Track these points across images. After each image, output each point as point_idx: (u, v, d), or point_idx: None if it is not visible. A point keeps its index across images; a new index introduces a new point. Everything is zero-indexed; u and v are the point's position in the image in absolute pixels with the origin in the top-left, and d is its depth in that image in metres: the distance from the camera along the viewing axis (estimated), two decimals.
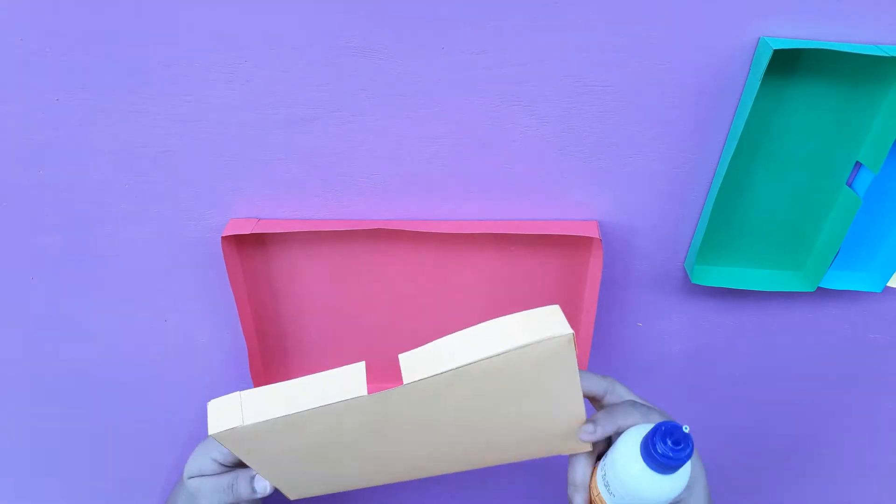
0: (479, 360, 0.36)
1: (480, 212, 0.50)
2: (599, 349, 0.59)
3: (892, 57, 0.41)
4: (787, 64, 0.42)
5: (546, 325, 0.36)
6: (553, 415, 0.42)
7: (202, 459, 0.47)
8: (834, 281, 0.52)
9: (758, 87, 0.41)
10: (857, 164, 0.47)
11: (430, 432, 0.42)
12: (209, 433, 0.39)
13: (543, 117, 0.46)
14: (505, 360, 0.37)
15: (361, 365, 0.38)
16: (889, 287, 0.54)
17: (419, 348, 0.38)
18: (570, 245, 0.52)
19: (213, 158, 0.47)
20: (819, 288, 0.54)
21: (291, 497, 0.48)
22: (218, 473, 0.47)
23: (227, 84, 0.44)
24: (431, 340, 0.57)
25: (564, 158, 0.48)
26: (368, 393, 0.38)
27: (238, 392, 0.39)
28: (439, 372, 0.37)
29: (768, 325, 0.58)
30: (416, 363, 0.38)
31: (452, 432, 0.42)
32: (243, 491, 0.46)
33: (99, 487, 0.70)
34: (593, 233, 0.48)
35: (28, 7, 0.41)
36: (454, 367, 0.37)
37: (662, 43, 0.42)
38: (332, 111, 0.45)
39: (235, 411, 0.39)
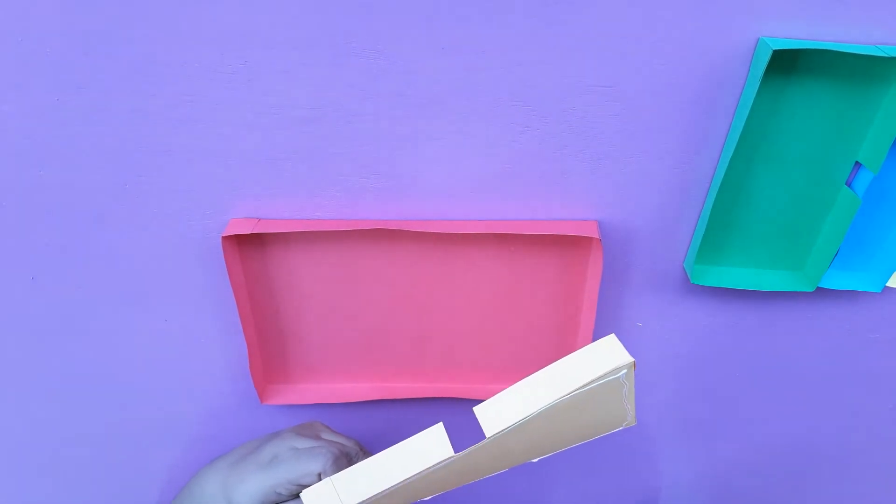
0: (554, 402, 0.39)
1: (480, 212, 0.50)
2: None
3: (892, 57, 0.41)
4: (786, 64, 0.42)
5: (609, 356, 0.39)
6: (604, 419, 0.44)
7: (262, 494, 0.46)
8: (833, 281, 0.52)
9: (757, 87, 0.41)
10: (857, 164, 0.47)
11: (500, 460, 0.44)
12: None
13: (543, 117, 0.46)
14: (575, 396, 0.39)
15: (440, 427, 0.40)
16: (888, 287, 0.54)
17: (491, 399, 0.40)
18: (570, 245, 0.52)
19: (213, 158, 0.47)
20: (818, 288, 0.54)
21: None
22: (282, 503, 0.47)
23: (227, 84, 0.44)
24: (432, 340, 0.58)
25: (564, 158, 0.48)
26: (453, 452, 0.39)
27: (328, 478, 0.41)
28: (517, 421, 0.39)
29: (768, 325, 0.58)
30: (494, 414, 0.40)
31: (520, 452, 0.44)
32: None
33: (99, 487, 0.70)
34: (593, 233, 0.48)
35: (28, 7, 0.41)
36: (530, 413, 0.39)
37: (662, 43, 0.42)
38: (332, 111, 0.45)
39: (332, 497, 0.41)
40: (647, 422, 0.66)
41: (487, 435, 0.39)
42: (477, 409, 0.40)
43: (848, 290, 0.54)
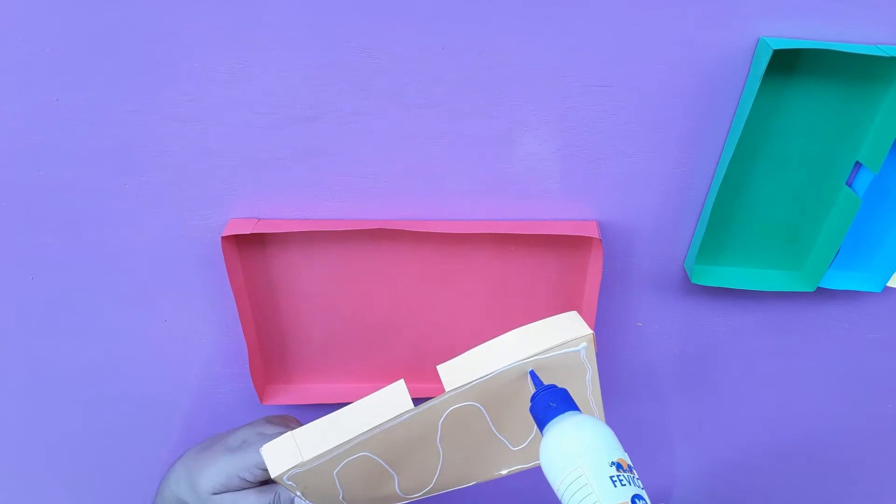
0: (512, 365, 0.40)
1: (480, 212, 0.50)
2: (599, 349, 0.59)
3: (892, 57, 0.41)
4: (786, 64, 0.42)
5: (570, 327, 0.41)
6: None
7: (225, 476, 0.46)
8: (834, 281, 0.52)
9: (758, 87, 0.41)
10: (857, 164, 0.47)
11: (468, 434, 0.44)
12: (272, 476, 0.40)
13: (543, 117, 0.46)
14: (535, 363, 0.40)
15: (401, 383, 0.41)
16: (889, 287, 0.54)
17: (455, 359, 0.41)
18: (570, 245, 0.52)
19: (213, 158, 0.47)
20: (819, 288, 0.54)
21: None
22: (246, 489, 0.46)
23: (227, 84, 0.44)
24: (432, 340, 0.58)
25: (564, 158, 0.48)
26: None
27: (290, 432, 0.41)
28: (475, 378, 0.40)
29: (768, 325, 0.58)
30: (454, 372, 0.41)
31: (485, 434, 0.44)
32: None
33: (99, 487, 0.70)
34: (593, 233, 0.48)
35: (28, 7, 0.41)
36: (489, 373, 0.40)
37: (662, 43, 0.42)
38: (332, 111, 0.45)
39: (292, 450, 0.40)
40: (648, 422, 0.66)
41: (447, 389, 0.40)
42: (440, 367, 0.41)
43: (848, 290, 0.54)
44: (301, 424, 0.53)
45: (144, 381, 0.61)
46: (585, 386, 0.43)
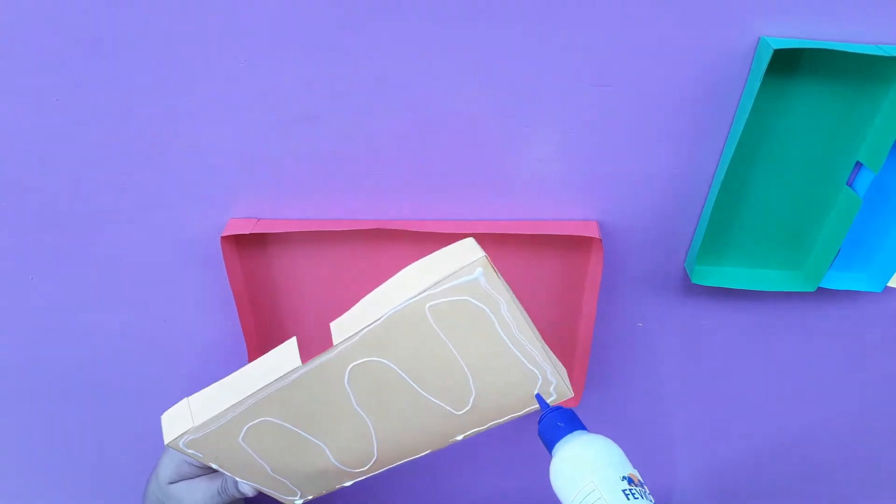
0: (401, 306, 0.35)
1: (480, 212, 0.50)
2: (599, 349, 0.59)
3: (893, 57, 0.41)
4: (787, 64, 0.42)
5: (459, 255, 0.35)
6: (500, 364, 0.40)
7: (175, 464, 0.46)
8: (834, 281, 0.52)
9: (758, 86, 0.41)
10: (858, 164, 0.47)
11: (392, 398, 0.40)
12: (165, 442, 0.39)
13: (543, 117, 0.46)
14: (429, 299, 0.35)
15: (292, 341, 0.38)
16: (889, 287, 0.54)
17: (346, 313, 0.37)
18: (570, 245, 0.52)
19: (212, 158, 0.47)
20: (819, 288, 0.54)
21: (288, 501, 0.48)
22: (199, 476, 0.47)
23: (227, 84, 0.44)
24: None
25: (564, 158, 0.47)
26: (302, 362, 0.37)
27: (185, 398, 0.39)
28: (363, 327, 0.36)
29: (768, 325, 0.58)
30: (343, 324, 0.37)
31: (413, 398, 0.40)
32: (231, 492, 0.46)
33: (98, 487, 0.70)
34: (593, 233, 0.48)
35: (28, 7, 0.41)
36: (376, 318, 0.36)
37: (662, 43, 0.42)
38: (331, 111, 0.45)
39: (185, 416, 0.39)
40: (648, 422, 0.66)
41: (335, 342, 0.36)
42: (332, 325, 0.37)
43: (848, 291, 0.54)
44: None
45: (144, 380, 0.61)
46: (505, 321, 0.37)
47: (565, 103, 0.45)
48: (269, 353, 0.39)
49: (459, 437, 0.44)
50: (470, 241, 0.36)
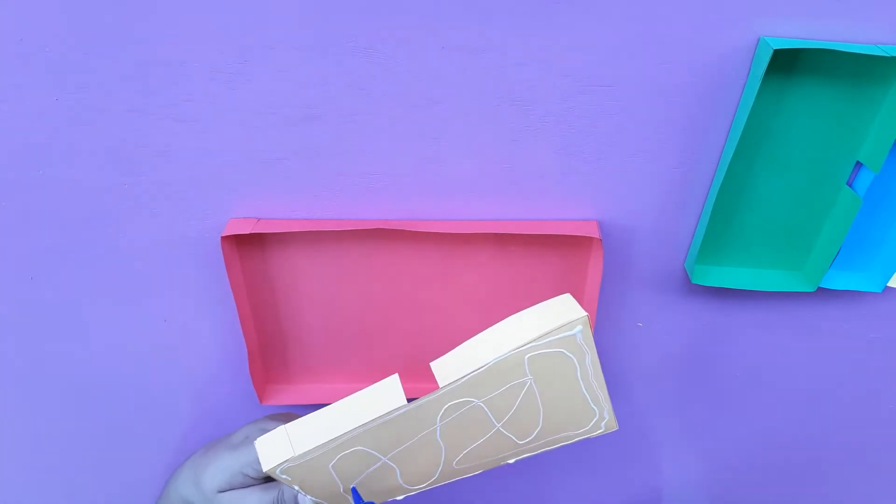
0: (506, 355, 0.38)
1: (480, 212, 0.50)
2: (600, 349, 0.59)
3: (893, 57, 0.41)
4: (787, 64, 0.42)
5: (563, 312, 0.39)
6: (570, 404, 0.43)
7: (229, 473, 0.46)
8: (834, 281, 0.52)
9: (758, 86, 0.41)
10: (858, 164, 0.47)
11: (471, 431, 0.43)
12: (264, 469, 0.40)
13: (543, 117, 0.46)
14: (530, 350, 0.39)
15: (395, 377, 0.40)
16: (889, 287, 0.54)
17: (448, 354, 0.40)
18: (570, 245, 0.52)
19: (212, 158, 0.47)
20: (819, 288, 0.54)
21: None
22: (251, 486, 0.46)
23: (227, 84, 0.44)
24: (432, 340, 0.58)
25: (564, 158, 0.47)
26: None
27: (283, 426, 0.41)
28: (469, 372, 0.39)
29: (769, 326, 0.58)
30: (448, 367, 0.40)
31: (490, 431, 0.44)
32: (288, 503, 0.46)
33: (98, 487, 0.70)
34: (593, 233, 0.48)
35: (28, 7, 0.41)
36: (482, 365, 0.39)
37: (662, 43, 0.42)
38: (332, 111, 0.45)
39: (284, 444, 0.40)
40: (648, 422, 0.66)
41: (441, 385, 0.39)
42: (433, 364, 0.40)
43: (849, 291, 0.54)
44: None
45: (143, 380, 0.61)
46: (587, 370, 0.41)
47: (566, 103, 0.45)
48: (372, 387, 0.40)
49: (512, 461, 0.47)
50: (568, 297, 0.40)
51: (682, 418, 0.65)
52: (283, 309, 0.56)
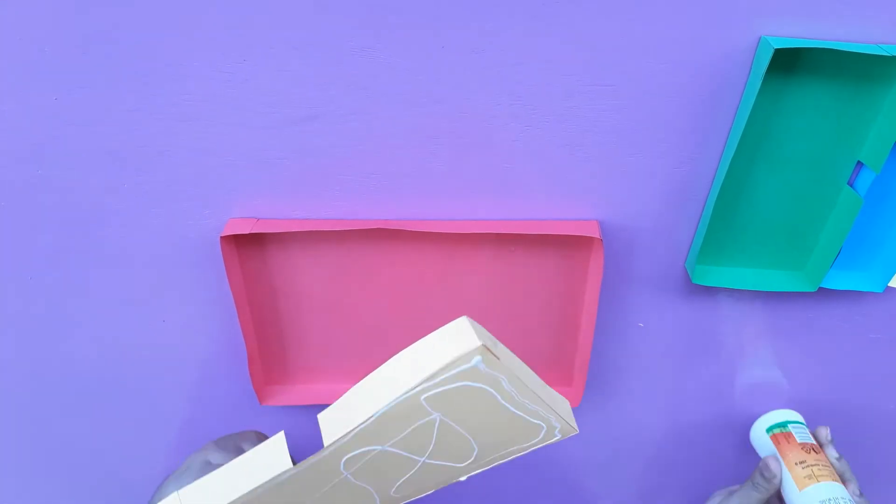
0: (392, 403, 0.33)
1: (480, 212, 0.50)
2: (600, 349, 0.59)
3: (893, 56, 0.41)
4: (787, 63, 0.42)
5: (454, 343, 0.32)
6: (503, 426, 0.38)
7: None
8: (835, 281, 0.52)
9: (759, 86, 0.41)
10: (859, 164, 0.46)
11: (392, 470, 0.39)
12: None
13: (544, 117, 0.45)
14: (423, 392, 0.33)
15: (281, 436, 0.37)
16: (890, 287, 0.54)
17: (335, 404, 0.35)
18: (570, 245, 0.51)
19: (212, 158, 0.47)
20: (820, 288, 0.54)
21: None
22: None
23: (227, 84, 0.44)
24: None
25: (565, 158, 0.47)
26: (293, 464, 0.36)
27: (176, 492, 0.39)
28: (353, 428, 0.34)
29: (769, 325, 0.57)
30: (334, 421, 0.35)
31: (415, 465, 0.39)
32: None
33: (97, 487, 0.70)
34: (593, 233, 0.48)
35: (27, 7, 0.41)
36: (368, 417, 0.34)
37: (662, 43, 0.42)
38: (332, 111, 0.45)
39: None
40: (648, 422, 0.66)
41: (325, 444, 0.35)
42: (320, 418, 0.36)
43: (850, 291, 0.54)
44: (263, 440, 0.51)
45: (143, 380, 0.61)
46: (508, 393, 0.36)
47: (566, 103, 0.45)
48: (257, 448, 0.38)
49: (463, 478, 0.42)
50: (464, 321, 0.33)
51: (683, 418, 0.65)
52: (282, 309, 0.55)
